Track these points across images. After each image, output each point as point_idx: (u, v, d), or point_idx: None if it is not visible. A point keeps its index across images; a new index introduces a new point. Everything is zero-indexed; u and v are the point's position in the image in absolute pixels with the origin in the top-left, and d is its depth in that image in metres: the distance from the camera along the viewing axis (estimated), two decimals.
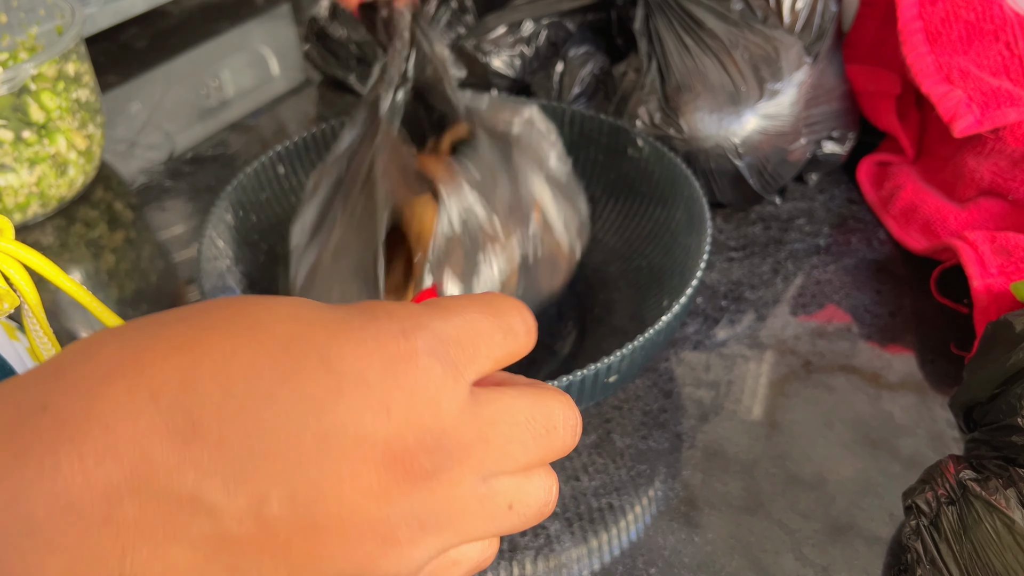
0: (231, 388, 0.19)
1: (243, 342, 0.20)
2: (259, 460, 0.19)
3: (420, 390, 0.20)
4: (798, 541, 0.36)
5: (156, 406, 0.19)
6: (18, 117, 0.54)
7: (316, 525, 0.19)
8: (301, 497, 0.19)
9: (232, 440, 0.19)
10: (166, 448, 0.18)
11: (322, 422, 0.19)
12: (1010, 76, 0.46)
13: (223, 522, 0.19)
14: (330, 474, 0.19)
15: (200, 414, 0.19)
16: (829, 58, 0.51)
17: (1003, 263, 0.43)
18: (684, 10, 0.49)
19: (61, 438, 0.18)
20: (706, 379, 0.43)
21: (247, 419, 0.19)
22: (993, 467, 0.32)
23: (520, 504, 0.22)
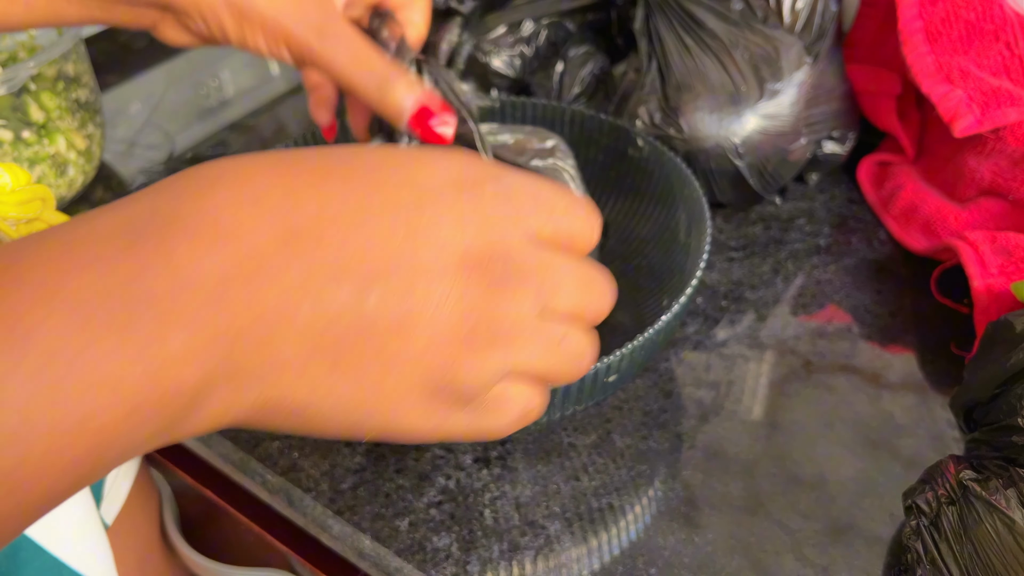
0: (328, 200, 0.21)
1: (335, 164, 0.22)
2: (355, 259, 0.21)
3: (490, 215, 0.23)
4: (798, 541, 0.36)
5: (259, 209, 0.20)
6: (18, 117, 0.53)
7: (408, 322, 0.22)
8: (395, 294, 0.21)
9: (331, 240, 0.21)
10: (272, 245, 0.20)
11: (410, 226, 0.22)
12: (1010, 76, 0.46)
13: (326, 311, 0.21)
14: (420, 273, 0.22)
15: (302, 217, 0.21)
16: (829, 58, 0.51)
17: (1003, 263, 0.43)
18: (684, 10, 0.49)
19: (172, 231, 0.19)
20: (706, 379, 0.43)
21: (343, 222, 0.21)
22: (993, 467, 0.32)
23: (568, 343, 0.24)
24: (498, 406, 0.24)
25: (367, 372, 0.22)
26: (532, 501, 0.38)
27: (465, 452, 0.40)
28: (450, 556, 0.36)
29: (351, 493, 0.39)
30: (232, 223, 0.20)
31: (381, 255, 0.22)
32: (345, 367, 0.22)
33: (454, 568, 0.35)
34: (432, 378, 0.23)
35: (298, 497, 0.39)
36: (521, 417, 0.25)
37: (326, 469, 0.40)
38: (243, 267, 0.20)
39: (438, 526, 0.37)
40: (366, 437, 0.23)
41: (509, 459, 0.40)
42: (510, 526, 0.37)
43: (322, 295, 0.21)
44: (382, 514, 0.38)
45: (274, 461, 0.40)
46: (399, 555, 0.36)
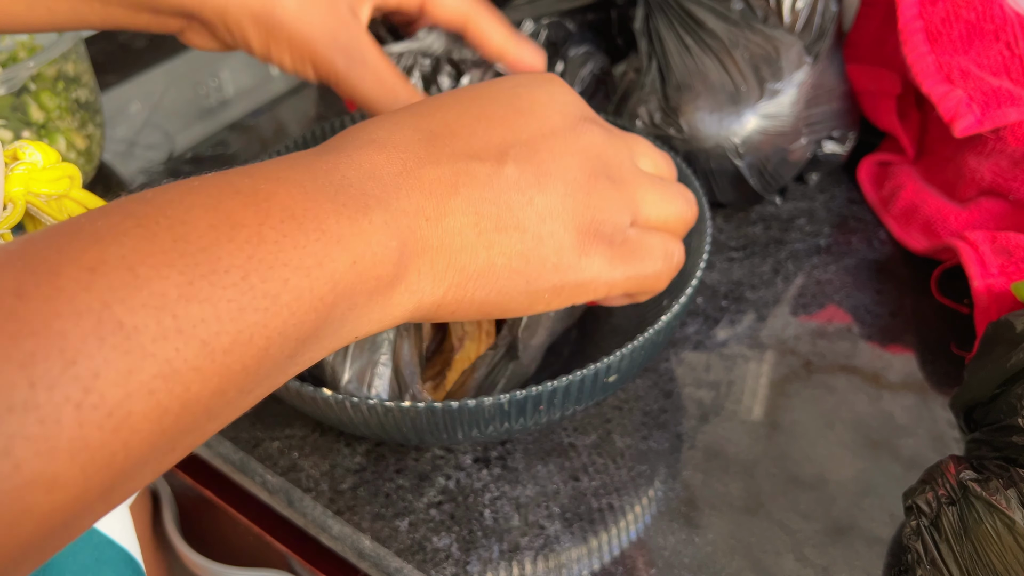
0: (451, 113, 0.28)
1: (452, 97, 0.29)
2: (484, 142, 0.27)
3: (597, 136, 0.30)
4: (799, 542, 0.36)
5: (400, 128, 0.27)
6: (18, 117, 0.53)
7: (544, 176, 0.28)
8: (525, 157, 0.28)
9: (462, 134, 0.27)
10: (419, 145, 0.26)
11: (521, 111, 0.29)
12: (1010, 76, 0.46)
13: (478, 184, 0.26)
14: (540, 138, 0.28)
15: (433, 126, 0.27)
16: (830, 58, 0.51)
17: (1004, 263, 0.43)
18: (684, 10, 0.49)
19: (346, 146, 0.26)
20: (706, 379, 0.43)
21: (468, 123, 0.28)
22: (994, 467, 0.32)
23: (674, 194, 0.32)
24: (640, 248, 0.30)
25: (526, 224, 0.27)
26: (532, 501, 0.38)
27: (465, 452, 0.40)
28: (450, 556, 0.36)
29: (351, 493, 0.39)
30: (384, 136, 0.26)
31: (504, 134, 0.28)
32: (508, 223, 0.27)
33: (454, 568, 0.35)
34: (578, 217, 0.28)
35: (298, 497, 0.39)
36: (666, 258, 0.31)
37: (326, 469, 0.40)
38: (405, 161, 0.26)
39: (438, 526, 0.37)
40: (547, 297, 0.29)
41: (509, 459, 0.40)
42: (510, 526, 0.37)
43: (470, 170, 0.26)
44: (382, 514, 0.38)
45: (274, 461, 0.40)
46: (399, 555, 0.36)
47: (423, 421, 0.34)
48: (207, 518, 0.48)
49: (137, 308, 0.18)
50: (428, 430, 0.34)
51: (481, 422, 0.34)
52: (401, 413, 0.33)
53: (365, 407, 0.33)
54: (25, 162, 0.28)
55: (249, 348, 0.20)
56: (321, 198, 0.22)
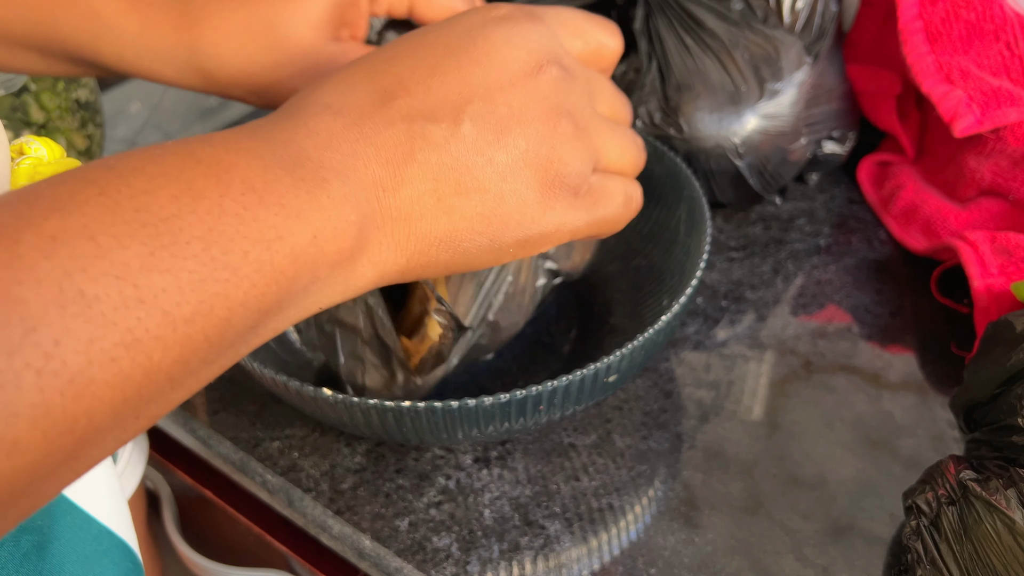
0: (404, 66, 0.27)
1: (403, 45, 0.28)
2: (440, 99, 0.26)
3: (531, 33, 0.29)
4: (798, 541, 0.36)
5: (353, 88, 0.26)
6: (18, 117, 0.53)
7: (504, 133, 0.27)
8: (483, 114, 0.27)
9: (416, 91, 0.26)
10: (373, 107, 0.26)
11: (475, 61, 0.27)
12: (1010, 76, 0.46)
13: (435, 147, 0.26)
14: (496, 91, 0.27)
15: (387, 83, 0.26)
16: (829, 58, 0.51)
17: (1003, 263, 0.43)
18: (684, 10, 0.49)
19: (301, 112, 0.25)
20: (706, 379, 0.43)
21: (422, 77, 0.27)
22: (994, 467, 0.32)
23: (629, 139, 0.31)
24: (603, 194, 0.30)
25: (487, 185, 0.27)
26: (532, 501, 0.38)
27: (465, 452, 0.40)
28: (450, 556, 0.36)
29: (351, 493, 0.39)
30: (338, 100, 0.26)
31: (460, 89, 0.27)
32: (467, 186, 0.26)
33: (454, 568, 0.35)
34: (540, 172, 0.27)
35: (298, 497, 0.39)
36: (626, 201, 0.31)
37: (326, 469, 0.40)
38: (361, 128, 0.25)
39: (438, 526, 0.37)
40: (511, 251, 0.28)
41: (509, 459, 0.40)
42: (510, 526, 0.37)
43: (426, 134, 0.26)
44: (382, 514, 0.38)
45: (274, 461, 0.40)
46: (399, 555, 0.36)
47: (423, 421, 0.34)
48: (207, 518, 0.48)
49: (98, 277, 0.18)
50: (428, 430, 0.34)
51: (481, 422, 0.34)
52: (401, 413, 0.33)
53: (365, 407, 0.33)
54: (31, 157, 0.28)
55: (210, 319, 0.20)
56: (280, 171, 0.22)
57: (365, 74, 0.27)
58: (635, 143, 0.32)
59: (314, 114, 0.25)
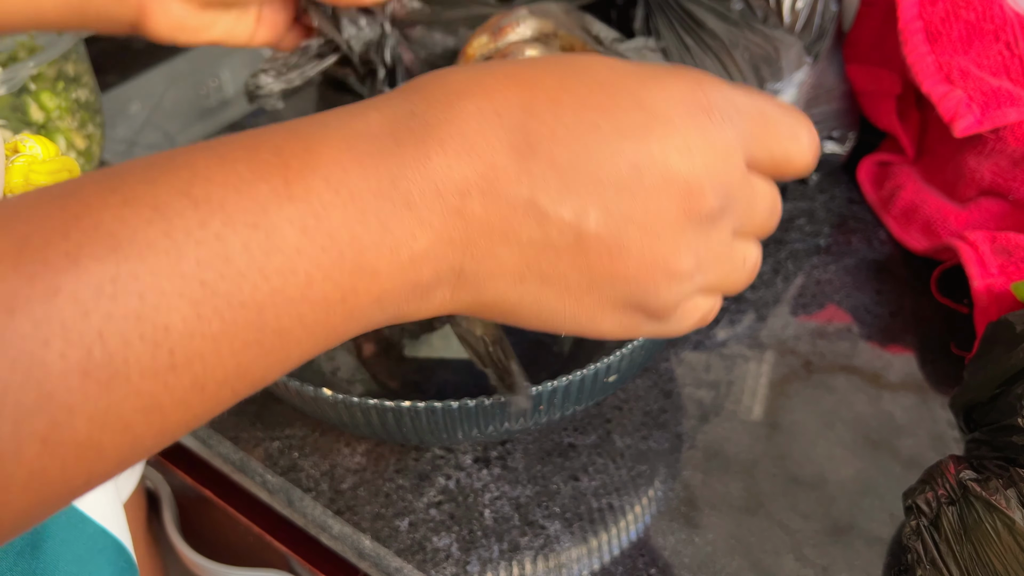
0: (562, 117, 0.23)
1: (572, 83, 0.23)
2: (583, 180, 0.23)
3: (717, 142, 0.24)
4: (798, 541, 0.36)
5: (501, 123, 0.22)
6: (17, 117, 0.53)
7: (621, 246, 0.23)
8: (614, 218, 0.23)
9: (562, 160, 0.22)
10: (508, 160, 0.22)
11: (637, 153, 0.23)
12: (1010, 76, 0.46)
13: (548, 229, 0.23)
14: (640, 200, 0.23)
15: (537, 135, 0.22)
16: (829, 58, 0.51)
17: (1003, 263, 0.43)
18: (684, 10, 0.49)
19: (429, 138, 0.22)
20: (706, 379, 0.43)
21: (575, 143, 0.23)
22: (993, 467, 0.32)
23: (749, 260, 0.27)
24: (683, 316, 0.26)
25: (573, 288, 0.24)
26: (532, 501, 0.38)
27: (465, 452, 0.40)
28: (450, 556, 0.36)
29: (351, 493, 0.39)
30: (477, 136, 0.22)
31: (606, 179, 0.23)
32: (554, 282, 0.24)
33: (454, 568, 0.35)
34: (632, 298, 0.24)
35: (298, 497, 0.39)
36: (700, 322, 0.27)
37: (326, 469, 0.40)
38: (482, 181, 0.22)
39: (438, 526, 0.37)
40: (561, 332, 0.26)
41: (509, 459, 0.40)
42: (510, 526, 0.37)
43: (547, 213, 0.23)
44: (382, 514, 0.38)
45: (274, 461, 0.40)
46: (399, 555, 0.36)
47: (423, 421, 0.34)
48: (207, 518, 0.48)
49: None
50: (428, 430, 0.34)
51: (481, 422, 0.34)
52: (401, 413, 0.33)
53: (365, 407, 0.33)
54: (25, 154, 0.28)
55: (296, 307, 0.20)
56: (372, 221, 0.21)
57: (520, 109, 0.23)
58: (754, 264, 0.27)
59: (443, 144, 0.22)
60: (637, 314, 0.25)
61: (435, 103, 0.22)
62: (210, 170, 0.19)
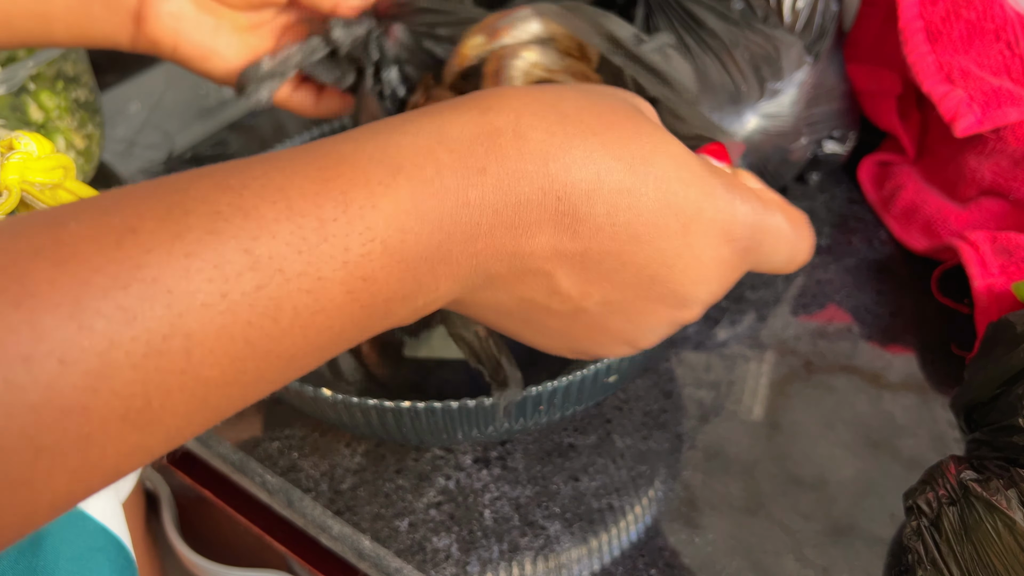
0: (615, 217, 0.23)
1: (638, 186, 0.24)
2: (603, 273, 0.24)
3: (729, 280, 0.27)
4: (799, 542, 0.36)
5: (558, 202, 0.23)
6: (17, 117, 0.53)
7: (605, 327, 0.26)
8: (611, 308, 0.25)
9: (593, 251, 0.24)
10: (548, 232, 0.23)
11: (660, 271, 0.25)
12: (1011, 76, 0.46)
13: (552, 297, 0.25)
14: (640, 304, 0.26)
15: (584, 222, 0.23)
16: (830, 57, 0.51)
17: (1004, 263, 0.43)
18: (684, 9, 0.49)
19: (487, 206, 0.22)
20: (707, 379, 0.43)
21: (610, 243, 0.24)
22: (994, 468, 0.32)
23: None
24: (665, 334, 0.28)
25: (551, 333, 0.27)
26: (532, 501, 0.38)
27: (465, 453, 0.40)
28: (450, 557, 0.36)
29: (351, 493, 0.39)
30: (528, 212, 0.23)
31: (620, 281, 0.25)
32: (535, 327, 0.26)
33: (454, 569, 0.35)
34: (590, 351, 0.27)
35: (297, 497, 0.39)
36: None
37: (325, 469, 0.40)
38: (513, 245, 0.23)
39: (438, 526, 0.37)
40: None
41: (509, 459, 0.40)
42: (510, 527, 0.37)
43: (558, 287, 0.24)
44: (382, 514, 0.38)
45: (273, 461, 0.40)
46: (399, 555, 0.36)
47: (423, 421, 0.33)
48: (206, 518, 0.48)
49: None
50: (428, 430, 0.34)
51: (481, 422, 0.34)
52: (401, 413, 0.33)
53: (365, 407, 0.33)
54: (21, 152, 0.28)
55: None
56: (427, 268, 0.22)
57: (579, 196, 0.23)
58: None
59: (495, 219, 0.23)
60: (584, 356, 0.28)
61: (504, 163, 0.23)
62: (279, 224, 0.20)
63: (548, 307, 0.25)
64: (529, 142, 0.23)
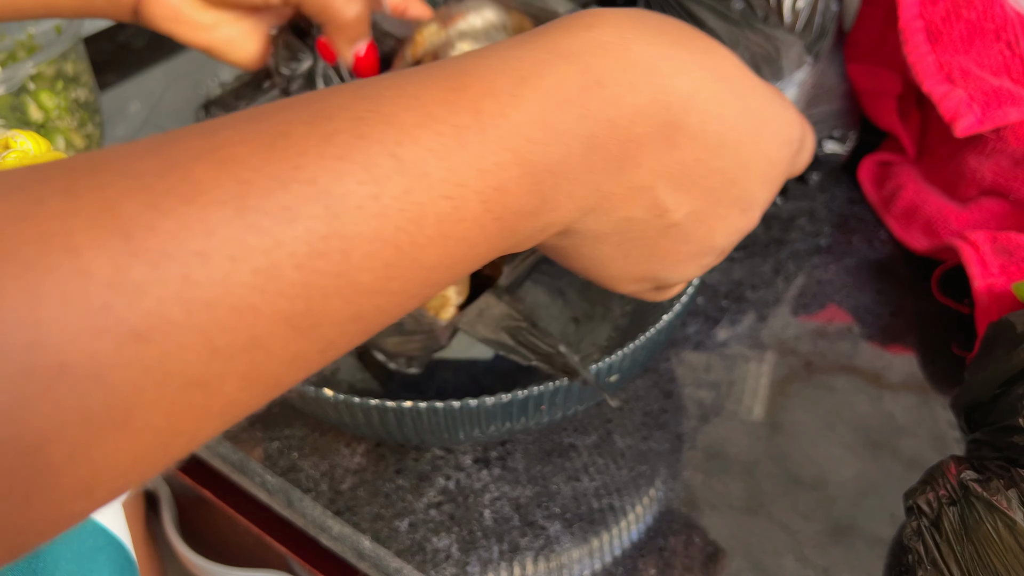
0: (706, 124, 0.25)
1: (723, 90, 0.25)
2: (699, 185, 0.25)
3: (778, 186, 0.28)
4: (799, 542, 0.36)
5: (664, 112, 0.24)
6: (17, 117, 0.53)
7: (688, 236, 0.27)
8: (700, 219, 0.26)
9: (690, 161, 0.25)
10: (656, 142, 0.24)
11: (749, 185, 0.27)
12: (1011, 75, 0.46)
13: (650, 212, 0.25)
14: (723, 215, 0.27)
15: (681, 138, 0.24)
16: (830, 57, 0.51)
17: (1004, 263, 0.43)
18: (684, 9, 0.49)
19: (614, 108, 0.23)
20: (707, 379, 0.43)
21: (710, 155, 0.25)
22: (995, 468, 0.32)
23: None
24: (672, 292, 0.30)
25: (631, 259, 0.27)
26: (532, 502, 0.38)
27: (465, 453, 0.40)
28: (450, 557, 0.36)
29: (351, 494, 0.39)
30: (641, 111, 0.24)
31: (712, 192, 0.26)
32: (625, 250, 0.27)
33: (454, 569, 0.35)
34: (659, 278, 0.28)
35: (297, 498, 0.39)
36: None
37: (325, 469, 0.40)
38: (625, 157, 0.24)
39: (438, 527, 0.37)
40: (588, 279, 0.28)
41: (509, 459, 0.40)
42: (510, 527, 0.37)
43: (659, 201, 0.25)
44: (382, 515, 0.38)
45: (273, 461, 0.40)
46: (399, 556, 0.36)
47: (423, 421, 0.33)
48: (206, 518, 0.48)
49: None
50: (428, 430, 0.34)
51: (482, 422, 0.34)
52: (401, 413, 0.33)
53: (365, 407, 0.33)
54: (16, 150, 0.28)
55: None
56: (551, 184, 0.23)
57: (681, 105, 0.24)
58: None
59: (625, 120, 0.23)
60: (650, 287, 0.29)
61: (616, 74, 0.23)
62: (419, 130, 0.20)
63: (644, 226, 0.26)
64: (635, 54, 0.23)
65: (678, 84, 0.24)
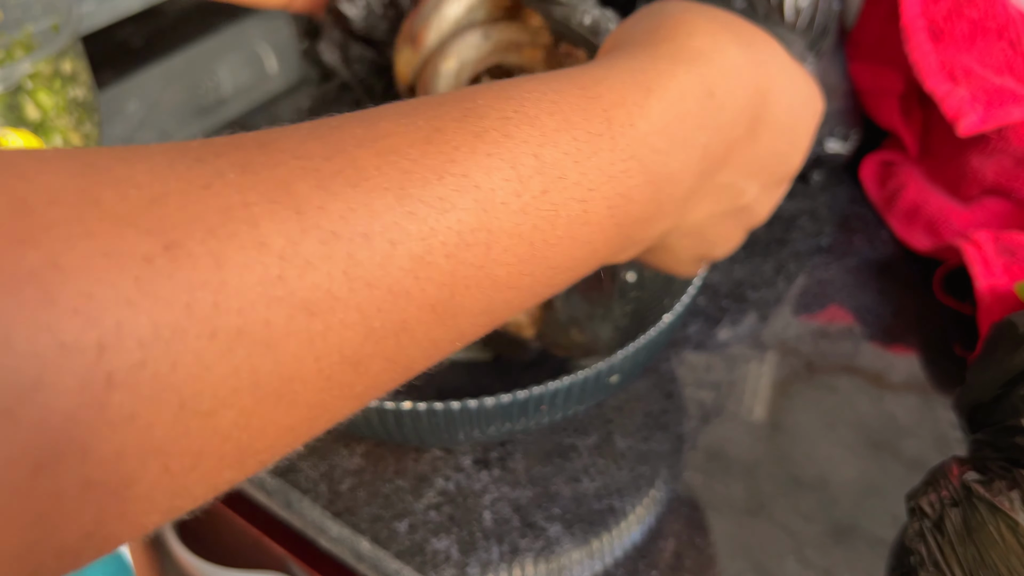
0: (777, 115, 0.27)
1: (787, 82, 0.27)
2: (768, 170, 0.28)
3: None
4: (800, 543, 0.35)
5: (753, 110, 0.26)
6: (14, 115, 0.53)
7: (753, 211, 0.29)
8: (760, 197, 0.29)
9: (763, 151, 0.27)
10: (744, 141, 0.26)
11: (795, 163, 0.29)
12: (1014, 74, 0.46)
13: (733, 203, 0.28)
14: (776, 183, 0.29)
15: (760, 128, 0.26)
16: (832, 56, 0.51)
17: (1007, 263, 0.43)
18: None
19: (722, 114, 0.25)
20: (708, 380, 0.43)
21: (776, 142, 0.27)
22: (997, 469, 0.31)
23: None
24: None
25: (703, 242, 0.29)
26: (532, 503, 0.38)
27: (465, 454, 0.40)
28: (449, 558, 0.36)
29: (350, 495, 0.38)
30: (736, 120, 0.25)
31: (774, 175, 0.28)
32: (700, 241, 0.29)
33: (453, 570, 0.35)
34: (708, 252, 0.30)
35: (296, 499, 0.39)
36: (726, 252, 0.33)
37: (324, 470, 0.39)
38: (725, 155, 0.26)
39: (437, 528, 0.37)
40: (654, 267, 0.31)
41: (509, 460, 0.39)
42: (510, 528, 0.37)
43: (742, 191, 0.27)
44: (381, 516, 0.37)
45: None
46: (398, 557, 0.36)
47: (423, 422, 0.33)
48: (204, 519, 0.47)
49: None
50: (428, 430, 0.34)
51: (482, 422, 0.34)
52: (401, 414, 0.33)
53: (365, 407, 0.33)
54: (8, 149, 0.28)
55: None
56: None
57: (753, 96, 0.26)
58: None
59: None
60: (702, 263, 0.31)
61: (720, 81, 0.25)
62: (559, 135, 0.21)
63: (724, 216, 0.28)
64: (730, 60, 0.25)
65: (760, 82, 0.25)
